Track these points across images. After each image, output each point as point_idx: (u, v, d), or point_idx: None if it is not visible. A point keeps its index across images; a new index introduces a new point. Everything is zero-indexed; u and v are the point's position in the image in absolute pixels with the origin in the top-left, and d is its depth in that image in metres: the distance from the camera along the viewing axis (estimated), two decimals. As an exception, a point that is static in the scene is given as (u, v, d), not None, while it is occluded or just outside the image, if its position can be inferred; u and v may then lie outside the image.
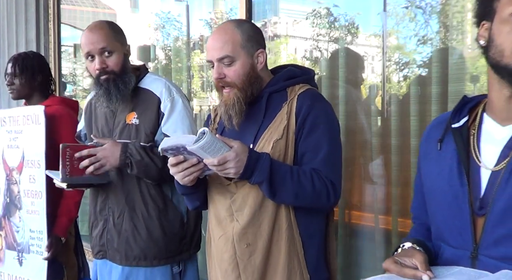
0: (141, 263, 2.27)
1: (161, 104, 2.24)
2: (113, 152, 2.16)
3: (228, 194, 1.80)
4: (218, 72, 1.78)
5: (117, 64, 2.23)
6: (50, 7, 4.66)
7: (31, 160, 2.65)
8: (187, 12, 4.32)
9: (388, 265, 1.22)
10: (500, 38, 1.18)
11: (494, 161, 1.21)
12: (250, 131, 1.80)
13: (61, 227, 2.66)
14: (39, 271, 2.65)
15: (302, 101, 1.77)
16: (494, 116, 1.25)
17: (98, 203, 2.35)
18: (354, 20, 3.08)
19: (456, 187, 1.24)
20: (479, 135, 1.26)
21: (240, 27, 1.82)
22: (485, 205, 1.19)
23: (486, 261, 1.18)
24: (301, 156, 1.76)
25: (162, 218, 2.27)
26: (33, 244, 2.66)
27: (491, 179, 1.20)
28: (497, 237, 1.17)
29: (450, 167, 1.27)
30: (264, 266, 1.76)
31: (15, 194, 2.75)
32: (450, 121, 1.31)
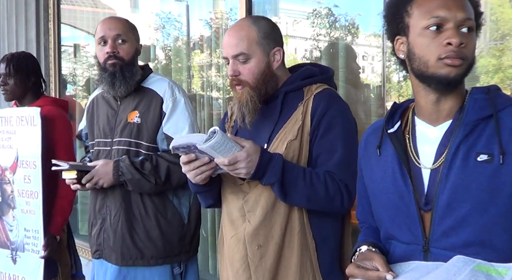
0: (138, 262, 2.26)
1: (163, 103, 2.24)
2: (107, 172, 2.19)
3: (241, 194, 1.77)
4: (233, 69, 1.75)
5: (128, 54, 2.25)
6: (50, 7, 4.66)
7: (26, 161, 2.67)
8: (187, 12, 4.32)
9: (352, 270, 1.27)
10: (421, 51, 1.26)
11: (431, 159, 1.29)
12: (265, 131, 1.77)
13: (56, 226, 2.68)
14: (35, 269, 2.67)
15: (318, 101, 1.73)
16: (425, 118, 1.33)
17: (97, 202, 2.35)
18: (354, 20, 3.08)
19: (401, 188, 1.31)
20: (414, 137, 1.34)
21: (257, 23, 1.78)
22: (430, 200, 1.27)
23: (438, 253, 1.25)
24: (315, 158, 1.72)
25: (160, 217, 2.26)
26: (28, 243, 2.68)
27: (432, 176, 1.28)
28: (444, 229, 1.25)
29: (392, 169, 1.34)
30: (275, 268, 1.72)
31: (8, 193, 2.77)
32: (385, 127, 1.38)
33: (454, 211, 1.23)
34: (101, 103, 2.39)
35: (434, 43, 1.23)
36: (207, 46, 4.08)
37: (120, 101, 2.32)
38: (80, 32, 5.52)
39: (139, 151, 2.24)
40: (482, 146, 1.23)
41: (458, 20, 1.23)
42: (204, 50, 4.15)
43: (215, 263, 3.73)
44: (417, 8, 1.27)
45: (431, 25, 1.24)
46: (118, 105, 2.32)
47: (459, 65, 1.22)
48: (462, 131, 1.25)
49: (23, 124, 2.67)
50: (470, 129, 1.24)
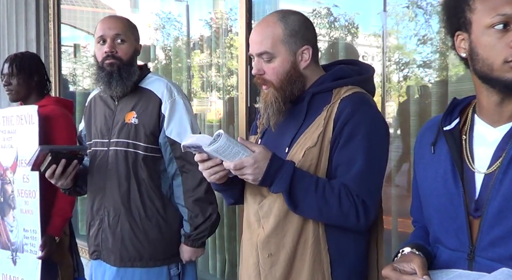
0: (137, 264, 2.25)
1: (162, 105, 2.23)
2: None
3: (259, 197, 1.69)
4: (257, 68, 1.66)
5: (126, 54, 2.24)
6: (50, 7, 4.66)
7: (25, 160, 2.66)
8: (187, 12, 4.32)
9: (387, 272, 1.22)
10: (485, 52, 1.17)
11: (487, 163, 1.22)
12: (289, 134, 1.67)
13: (55, 226, 2.67)
14: (32, 270, 2.65)
15: (343, 107, 1.60)
16: (485, 118, 1.26)
17: (95, 203, 2.34)
18: (354, 20, 3.08)
19: (451, 190, 1.25)
20: (471, 137, 1.27)
21: (284, 20, 1.66)
22: (480, 207, 1.20)
23: (483, 262, 1.18)
24: (335, 169, 1.60)
25: (160, 219, 2.26)
26: (27, 243, 2.67)
27: (485, 181, 1.21)
28: (493, 238, 1.18)
29: (445, 170, 1.27)
30: (285, 279, 1.64)
31: (9, 193, 2.76)
32: (442, 123, 1.31)
33: (505, 219, 1.16)
34: (98, 103, 2.38)
35: (500, 44, 1.14)
36: (207, 46, 4.08)
37: (117, 101, 2.31)
38: (80, 32, 5.51)
39: (137, 152, 2.23)
40: None
41: None
42: (204, 50, 4.15)
43: (215, 263, 3.73)
44: (481, 3, 1.17)
45: (497, 23, 1.14)
46: (116, 105, 2.31)
47: None
48: None
49: (22, 123, 2.67)
50: None
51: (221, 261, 3.71)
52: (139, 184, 2.25)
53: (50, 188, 2.56)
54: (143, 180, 2.24)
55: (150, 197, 2.25)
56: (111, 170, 2.26)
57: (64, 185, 2.29)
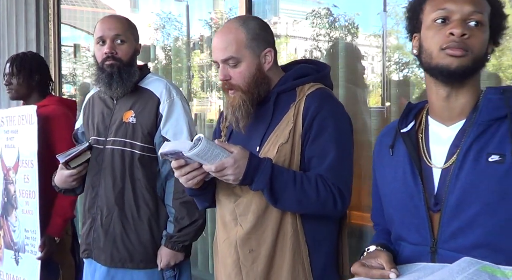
0: (127, 265, 2.24)
1: (160, 105, 2.23)
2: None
3: (233, 197, 1.75)
4: (224, 73, 1.72)
5: (126, 54, 2.23)
6: (50, 7, 4.66)
7: (26, 160, 2.67)
8: (187, 12, 4.32)
9: (356, 269, 1.27)
10: (427, 43, 1.27)
11: (443, 159, 1.28)
12: (257, 133, 1.74)
13: (55, 227, 2.66)
14: (33, 270, 2.65)
15: (310, 102, 1.69)
16: (438, 118, 1.33)
17: (87, 201, 2.33)
18: (354, 20, 3.08)
19: (411, 187, 1.31)
20: (427, 137, 1.34)
21: (245, 25, 1.73)
22: (439, 201, 1.26)
23: (446, 254, 1.24)
24: (308, 161, 1.68)
25: (152, 221, 2.25)
26: (28, 244, 2.68)
27: (442, 176, 1.27)
28: (453, 230, 1.24)
29: (403, 169, 1.33)
30: (267, 273, 1.70)
31: (12, 193, 2.77)
32: (399, 127, 1.38)
33: (463, 212, 1.22)
34: (97, 102, 2.38)
35: (439, 34, 1.24)
36: (207, 46, 4.08)
37: (116, 100, 2.31)
38: (80, 32, 5.52)
39: (133, 152, 2.23)
40: (494, 146, 1.21)
41: (465, 13, 1.23)
42: (204, 50, 4.15)
43: (215, 263, 3.73)
44: (429, 3, 1.29)
45: (438, 17, 1.25)
46: (114, 104, 2.31)
47: (460, 56, 1.21)
48: (475, 131, 1.24)
49: (23, 123, 2.68)
50: (482, 129, 1.23)
51: (221, 261, 3.70)
52: (134, 184, 2.23)
53: (51, 188, 2.56)
54: (139, 180, 2.23)
55: (144, 198, 2.24)
56: (106, 168, 2.25)
57: (74, 184, 2.31)
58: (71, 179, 2.28)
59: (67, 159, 2.22)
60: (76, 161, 2.24)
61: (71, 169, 2.25)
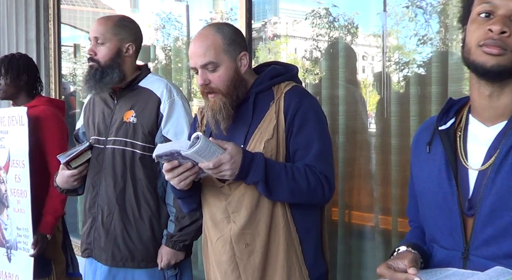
0: (128, 264, 2.26)
1: (160, 104, 2.24)
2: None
3: (222, 196, 1.80)
4: (203, 78, 1.78)
5: (104, 56, 2.25)
6: (50, 7, 4.66)
7: (16, 160, 2.72)
8: (187, 12, 4.32)
9: (381, 270, 1.24)
10: (468, 37, 1.22)
11: (480, 161, 1.23)
12: (239, 133, 1.81)
13: (46, 225, 2.72)
14: (26, 267, 2.71)
15: (290, 99, 1.78)
16: (479, 117, 1.27)
17: (88, 201, 2.34)
18: (354, 20, 3.08)
19: (445, 189, 1.26)
20: (465, 136, 1.28)
21: (221, 31, 1.81)
22: (474, 205, 1.21)
23: (477, 261, 1.19)
24: (293, 154, 1.78)
25: (153, 221, 2.25)
26: (20, 241, 2.73)
27: (479, 179, 1.21)
28: (486, 236, 1.18)
29: (439, 169, 1.28)
30: (263, 265, 1.78)
31: (3, 192, 2.82)
32: (437, 123, 1.32)
33: (497, 218, 1.16)
34: (98, 102, 2.39)
35: (479, 29, 1.18)
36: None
37: (116, 100, 2.32)
38: (80, 32, 5.52)
39: (134, 151, 2.23)
40: None
41: (510, 9, 1.16)
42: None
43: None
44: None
45: (482, 11, 1.19)
46: (115, 104, 2.32)
47: (497, 54, 1.14)
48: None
49: (13, 124, 2.72)
50: None
51: (221, 261, 3.70)
52: (135, 183, 2.24)
53: (41, 188, 2.61)
54: (140, 180, 2.24)
55: (145, 197, 2.25)
56: (107, 168, 2.26)
57: (76, 184, 2.32)
58: (73, 179, 2.29)
59: (67, 160, 2.23)
60: (77, 161, 2.26)
61: (72, 169, 2.26)
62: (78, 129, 2.52)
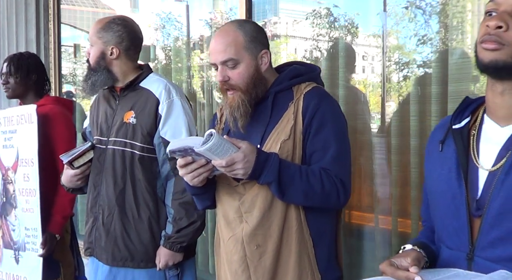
0: (128, 264, 2.26)
1: (159, 105, 2.24)
2: None
3: (236, 195, 1.78)
4: (222, 75, 1.76)
5: (92, 58, 2.31)
6: (50, 7, 4.66)
7: (25, 159, 2.70)
8: (187, 12, 4.32)
9: (384, 267, 1.23)
10: (478, 37, 1.21)
11: (492, 161, 1.21)
12: (256, 132, 1.79)
13: (55, 224, 2.70)
14: (35, 268, 2.68)
15: (309, 100, 1.76)
16: (493, 117, 1.25)
17: (89, 200, 2.35)
18: (354, 20, 3.08)
19: (454, 188, 1.25)
20: (479, 136, 1.26)
21: (243, 28, 1.79)
22: (482, 206, 1.19)
23: (482, 263, 1.18)
24: (310, 156, 1.75)
25: (152, 221, 2.26)
26: (29, 242, 2.70)
27: (488, 180, 1.20)
28: (492, 238, 1.17)
29: (450, 168, 1.27)
30: (274, 267, 1.75)
31: (11, 193, 2.79)
32: (452, 122, 1.31)
33: (505, 221, 1.15)
34: (102, 101, 2.41)
35: (482, 27, 1.19)
36: (207, 46, 4.08)
37: (118, 101, 2.32)
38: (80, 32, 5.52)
39: (134, 152, 2.24)
40: None
41: (510, 4, 1.16)
42: (204, 50, 4.15)
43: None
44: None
45: (488, 10, 1.20)
46: (117, 104, 2.32)
47: (493, 49, 1.15)
48: None
49: (22, 123, 2.70)
50: None
51: (221, 261, 3.70)
52: (134, 184, 2.25)
53: (50, 187, 2.59)
54: (139, 181, 2.24)
55: (145, 198, 2.25)
56: (108, 168, 2.27)
57: (79, 184, 2.34)
58: (76, 178, 2.30)
59: (70, 159, 2.24)
60: (79, 161, 2.27)
61: (74, 169, 2.27)
62: (85, 128, 2.54)
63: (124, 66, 2.32)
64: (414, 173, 2.52)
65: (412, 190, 2.54)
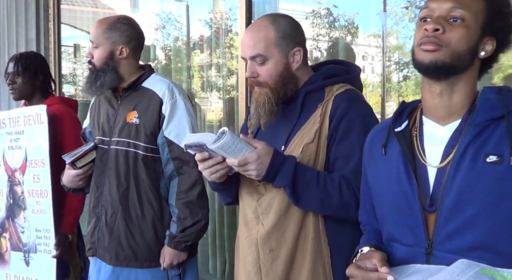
0: (131, 264, 2.25)
1: (162, 105, 2.24)
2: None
3: (256, 195, 1.73)
4: (251, 70, 1.69)
5: (98, 60, 2.26)
6: (50, 7, 4.66)
7: (35, 160, 2.66)
8: (187, 12, 4.32)
9: (352, 271, 1.23)
10: (414, 41, 1.27)
11: (438, 159, 1.25)
12: (283, 132, 1.71)
13: (67, 225, 2.67)
14: (47, 269, 2.64)
15: (338, 103, 1.65)
16: (432, 117, 1.29)
17: (92, 201, 2.35)
18: (354, 20, 3.08)
19: (405, 187, 1.27)
20: (421, 136, 1.30)
21: (276, 23, 1.70)
22: (435, 201, 1.23)
23: (441, 256, 1.20)
24: (333, 162, 1.65)
25: (156, 221, 2.25)
26: (40, 243, 2.66)
27: (438, 176, 1.24)
28: (449, 231, 1.21)
29: (398, 168, 1.30)
30: (286, 274, 1.67)
31: (19, 194, 2.75)
32: (392, 126, 1.34)
33: (460, 213, 1.19)
34: (103, 102, 2.40)
35: (418, 32, 1.25)
36: (207, 46, 4.08)
37: (120, 101, 2.32)
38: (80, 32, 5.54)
39: (137, 152, 2.24)
40: (491, 147, 1.19)
41: (444, 10, 1.23)
42: (204, 50, 4.15)
43: (215, 263, 3.73)
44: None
45: (422, 16, 1.26)
46: (118, 104, 2.32)
47: (433, 50, 1.20)
48: (472, 131, 1.21)
49: (30, 123, 2.67)
50: (480, 130, 1.20)
51: (221, 261, 3.71)
52: (138, 184, 2.25)
53: (59, 187, 2.57)
54: (143, 181, 2.25)
55: (148, 198, 2.25)
56: (111, 168, 2.27)
57: (81, 184, 2.33)
58: (78, 178, 2.30)
59: (73, 159, 2.24)
60: (82, 161, 2.27)
61: (77, 169, 2.27)
62: (85, 128, 2.53)
63: (130, 66, 2.32)
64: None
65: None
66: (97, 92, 2.28)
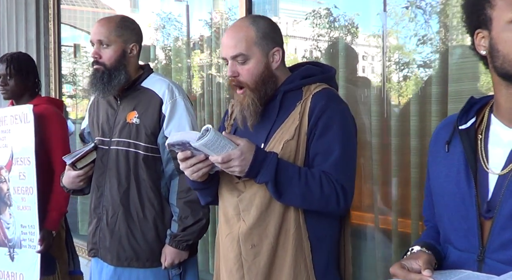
0: (133, 264, 2.26)
1: (162, 105, 2.24)
2: None
3: (236, 192, 1.77)
4: (232, 70, 1.75)
5: (110, 58, 2.24)
6: (50, 7, 4.66)
7: (21, 158, 2.73)
8: (187, 12, 4.32)
9: (395, 270, 1.20)
10: (505, 48, 1.15)
11: (501, 164, 1.20)
12: (262, 130, 1.77)
13: (52, 221, 2.74)
14: (32, 264, 2.72)
15: (316, 101, 1.72)
16: (502, 118, 1.23)
17: (93, 201, 2.36)
18: (354, 20, 3.08)
19: (464, 190, 1.23)
20: (486, 137, 1.25)
21: (256, 23, 1.77)
22: (493, 208, 1.18)
23: (493, 265, 1.17)
24: (312, 158, 1.71)
25: (157, 221, 2.26)
26: (25, 239, 2.73)
27: (499, 182, 1.19)
28: (504, 240, 1.16)
29: (458, 169, 1.26)
30: (268, 269, 1.72)
31: (5, 191, 2.83)
32: (457, 122, 1.29)
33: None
34: (101, 102, 2.40)
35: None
36: (207, 46, 4.08)
37: (120, 101, 2.32)
38: (80, 32, 5.53)
39: (138, 152, 2.24)
40: None
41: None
42: (204, 50, 4.15)
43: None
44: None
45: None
46: (118, 104, 2.32)
47: None
48: None
49: (17, 122, 2.73)
50: None
51: (221, 261, 3.70)
52: (139, 184, 2.25)
53: (46, 184, 2.62)
54: (144, 181, 2.25)
55: (149, 198, 2.26)
56: (111, 169, 2.27)
57: (82, 185, 2.33)
58: (78, 180, 2.30)
59: (73, 161, 2.24)
60: (82, 162, 2.27)
61: (77, 170, 2.27)
62: (83, 129, 2.53)
63: (135, 65, 2.33)
64: (414, 173, 2.52)
65: (412, 190, 2.54)
66: (110, 93, 2.25)
